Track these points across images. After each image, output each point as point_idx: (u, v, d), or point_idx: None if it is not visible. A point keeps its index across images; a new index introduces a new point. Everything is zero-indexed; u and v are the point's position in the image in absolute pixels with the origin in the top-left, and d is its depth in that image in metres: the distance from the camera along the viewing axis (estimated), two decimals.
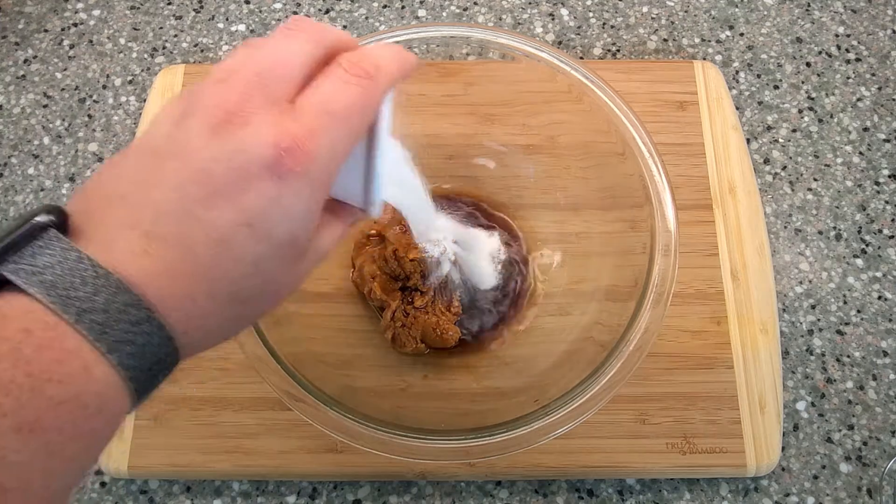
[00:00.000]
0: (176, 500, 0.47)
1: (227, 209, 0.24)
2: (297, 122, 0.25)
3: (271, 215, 0.25)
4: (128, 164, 0.26)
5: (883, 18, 0.62)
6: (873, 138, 0.57)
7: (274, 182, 0.25)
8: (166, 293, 0.24)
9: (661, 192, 0.42)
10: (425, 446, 0.38)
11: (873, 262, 0.53)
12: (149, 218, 0.24)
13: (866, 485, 0.47)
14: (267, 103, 0.25)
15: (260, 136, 0.25)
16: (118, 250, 0.24)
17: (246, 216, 0.25)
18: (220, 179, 0.24)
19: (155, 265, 0.24)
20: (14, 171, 0.56)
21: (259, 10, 0.62)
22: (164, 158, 0.25)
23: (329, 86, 0.27)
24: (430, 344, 0.47)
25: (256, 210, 0.25)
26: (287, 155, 0.25)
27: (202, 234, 0.24)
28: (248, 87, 0.25)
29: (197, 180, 0.24)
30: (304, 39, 0.27)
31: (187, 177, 0.24)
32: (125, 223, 0.24)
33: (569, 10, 0.62)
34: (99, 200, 0.25)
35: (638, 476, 0.47)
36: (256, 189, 0.25)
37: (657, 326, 0.40)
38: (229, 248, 0.25)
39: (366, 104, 0.27)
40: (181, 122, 0.25)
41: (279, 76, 0.26)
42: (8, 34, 0.62)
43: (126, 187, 0.25)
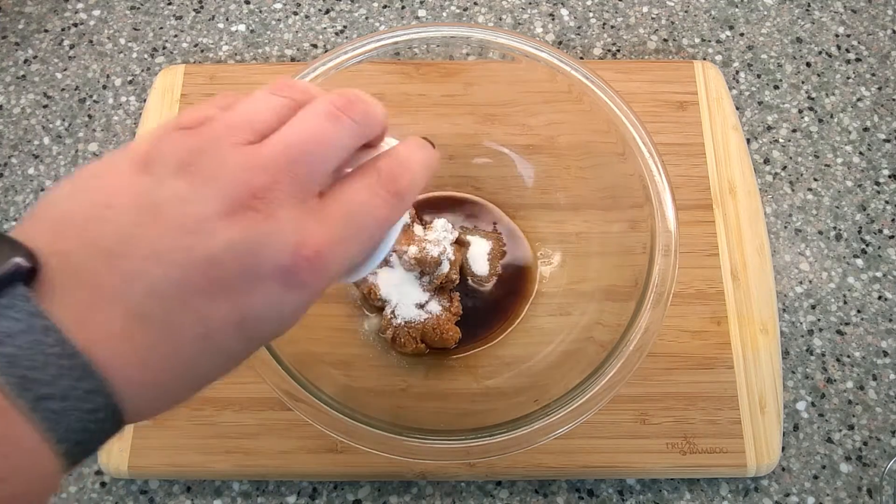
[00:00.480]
0: (176, 500, 0.47)
1: (225, 305, 0.22)
2: (321, 228, 0.23)
3: (266, 318, 0.23)
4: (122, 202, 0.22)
5: (883, 18, 0.62)
6: (873, 138, 0.57)
7: (281, 288, 0.23)
8: (135, 381, 0.21)
9: (661, 192, 0.42)
10: (425, 446, 0.38)
11: (873, 262, 0.53)
12: (139, 294, 0.21)
13: (866, 485, 0.47)
14: (296, 196, 0.23)
15: (283, 237, 0.22)
16: (95, 325, 0.20)
17: (241, 316, 0.22)
18: (228, 274, 0.22)
19: (131, 352, 0.21)
20: (14, 171, 0.56)
21: (259, 10, 0.62)
22: (168, 222, 0.22)
23: (361, 193, 0.24)
24: (430, 344, 0.47)
25: (253, 312, 0.23)
26: (304, 264, 0.23)
27: (191, 325, 0.22)
28: (279, 170, 0.23)
29: (204, 268, 0.22)
30: (348, 130, 0.25)
31: (194, 260, 0.21)
32: (111, 291, 0.21)
33: (569, 10, 0.62)
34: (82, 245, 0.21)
35: (638, 476, 0.47)
36: (261, 292, 0.22)
37: (657, 326, 0.40)
38: (212, 343, 0.22)
39: (389, 222, 0.25)
40: (192, 177, 0.22)
41: (313, 169, 0.24)
42: (8, 34, 0.62)
43: (116, 242, 0.21)
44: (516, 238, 0.51)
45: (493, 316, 0.49)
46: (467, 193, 0.52)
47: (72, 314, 0.20)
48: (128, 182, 0.22)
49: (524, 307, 0.49)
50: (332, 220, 0.24)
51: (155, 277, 0.21)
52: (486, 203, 0.52)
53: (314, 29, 0.61)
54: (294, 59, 0.60)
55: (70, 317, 0.20)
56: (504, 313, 0.49)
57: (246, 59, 0.60)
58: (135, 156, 0.23)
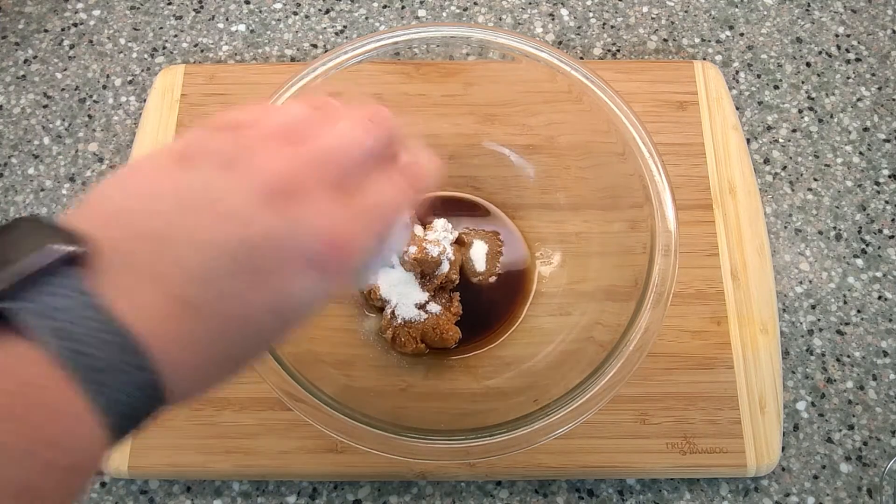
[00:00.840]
0: (176, 500, 0.47)
1: (264, 292, 0.23)
2: (349, 220, 0.25)
3: (298, 305, 0.25)
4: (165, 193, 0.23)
5: (883, 18, 0.62)
6: (873, 138, 0.57)
7: (314, 276, 0.24)
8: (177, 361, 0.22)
9: (661, 192, 0.42)
10: (425, 446, 0.38)
11: (873, 262, 0.53)
12: (181, 279, 0.22)
13: (866, 485, 0.47)
14: (326, 185, 0.25)
15: (317, 224, 0.24)
16: (141, 305, 0.22)
17: (277, 303, 0.24)
18: (267, 260, 0.23)
19: (174, 333, 0.22)
20: (14, 171, 0.56)
21: (259, 10, 0.62)
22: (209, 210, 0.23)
23: (388, 189, 0.27)
24: (430, 344, 0.47)
25: (289, 299, 0.24)
26: (334, 251, 0.24)
27: (231, 308, 0.23)
28: (310, 161, 0.25)
29: (244, 254, 0.23)
30: (377, 137, 0.27)
31: (234, 246, 0.23)
32: (156, 276, 0.22)
33: (569, 10, 0.62)
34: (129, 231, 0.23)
35: (638, 476, 0.47)
36: (297, 280, 0.24)
37: (657, 326, 0.40)
38: (250, 326, 0.24)
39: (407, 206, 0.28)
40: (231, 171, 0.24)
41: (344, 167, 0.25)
42: (8, 34, 0.62)
43: (162, 227, 0.23)
44: (515, 238, 0.51)
45: (493, 316, 0.49)
46: (467, 193, 0.52)
47: (120, 295, 0.21)
48: (171, 176, 0.24)
49: (524, 307, 0.49)
50: (361, 210, 0.25)
51: (196, 263, 0.22)
52: (485, 203, 0.52)
53: (314, 29, 0.61)
54: (294, 59, 0.60)
55: (118, 297, 0.21)
56: (504, 313, 0.49)
57: (246, 59, 0.60)
58: (177, 152, 0.25)
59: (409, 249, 0.46)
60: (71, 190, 0.56)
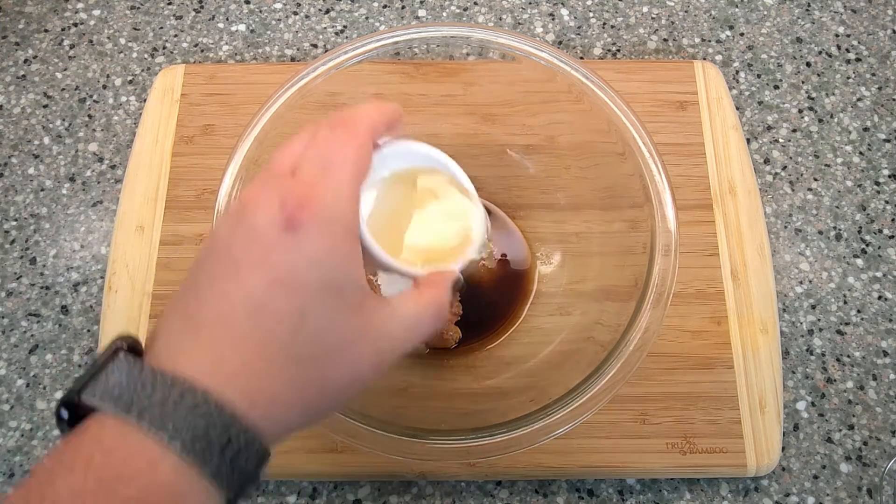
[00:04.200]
0: None
1: (252, 276, 0.26)
2: (298, 183, 0.27)
3: (298, 265, 0.26)
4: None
5: (883, 18, 0.62)
6: (873, 138, 0.57)
7: (289, 235, 0.26)
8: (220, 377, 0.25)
9: (661, 192, 0.42)
10: (425, 446, 0.38)
11: (873, 262, 0.53)
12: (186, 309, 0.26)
13: (866, 485, 0.47)
14: (270, 181, 0.28)
15: (265, 205, 0.26)
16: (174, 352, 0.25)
17: (274, 276, 0.26)
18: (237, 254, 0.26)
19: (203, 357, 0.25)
20: (14, 171, 0.56)
21: (259, 10, 0.62)
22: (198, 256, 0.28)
23: (314, 143, 0.29)
24: (431, 344, 0.47)
25: (282, 266, 0.26)
26: (293, 208, 0.26)
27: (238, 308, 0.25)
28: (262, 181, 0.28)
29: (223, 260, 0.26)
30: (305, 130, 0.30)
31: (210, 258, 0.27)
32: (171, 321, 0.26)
33: (569, 10, 0.62)
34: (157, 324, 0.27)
35: (638, 476, 0.47)
36: (277, 249, 0.26)
37: (657, 326, 0.40)
38: (269, 312, 0.25)
39: (356, 147, 0.29)
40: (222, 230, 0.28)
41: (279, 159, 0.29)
42: (8, 34, 0.62)
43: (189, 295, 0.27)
44: (516, 238, 0.51)
45: (493, 316, 0.49)
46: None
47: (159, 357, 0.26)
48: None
49: (524, 307, 0.49)
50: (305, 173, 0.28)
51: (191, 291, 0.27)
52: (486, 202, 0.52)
53: (314, 29, 0.61)
54: (294, 59, 0.60)
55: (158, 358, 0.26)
56: (504, 313, 0.49)
57: (246, 59, 0.60)
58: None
59: None
60: (71, 190, 0.56)
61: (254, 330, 0.25)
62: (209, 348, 0.25)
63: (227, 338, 0.25)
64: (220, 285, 0.26)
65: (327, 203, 0.27)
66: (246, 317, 0.25)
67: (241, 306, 0.25)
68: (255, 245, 0.26)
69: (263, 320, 0.25)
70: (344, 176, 0.28)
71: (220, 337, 0.25)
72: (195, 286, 0.27)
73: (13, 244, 0.54)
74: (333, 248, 0.27)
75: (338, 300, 0.27)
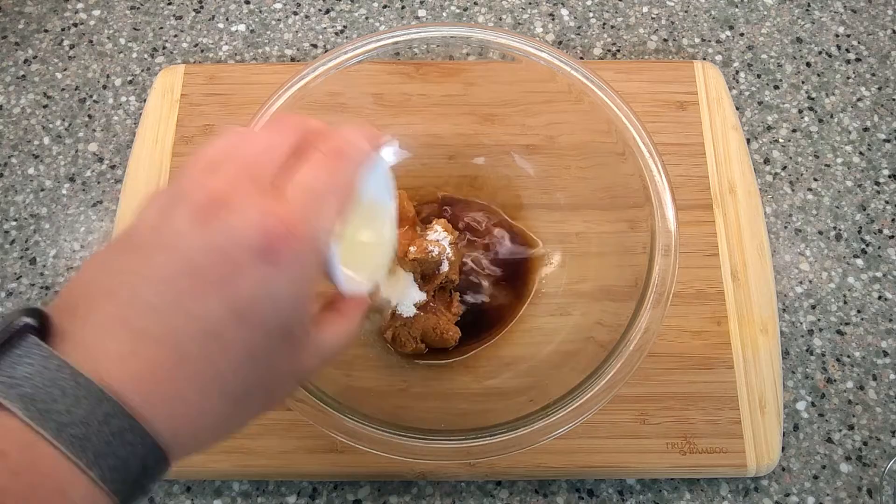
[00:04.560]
0: (176, 500, 0.47)
1: (216, 300, 0.24)
2: (282, 204, 0.25)
3: (262, 303, 0.24)
4: (112, 259, 0.25)
5: (883, 18, 0.62)
6: (873, 138, 0.57)
7: (264, 268, 0.24)
8: (154, 396, 0.23)
9: (661, 192, 0.42)
10: (425, 446, 0.38)
11: (873, 262, 0.53)
12: (136, 314, 0.23)
13: (866, 485, 0.47)
14: (253, 189, 0.25)
15: (247, 220, 0.24)
16: (103, 353, 0.22)
17: (236, 306, 0.24)
18: (208, 269, 0.24)
19: (142, 367, 0.23)
20: (14, 171, 0.56)
21: (259, 10, 0.62)
22: (150, 251, 0.24)
23: (308, 167, 0.27)
24: (430, 344, 0.47)
25: (246, 299, 0.24)
26: (276, 239, 0.24)
27: (192, 328, 0.23)
28: (234, 174, 0.25)
29: (185, 272, 0.24)
30: (285, 130, 0.28)
31: (176, 269, 0.24)
32: (111, 321, 0.23)
33: (569, 10, 0.62)
34: (83, 298, 0.24)
35: (638, 476, 0.47)
36: (246, 277, 0.24)
37: (657, 326, 0.40)
38: (220, 341, 0.24)
39: (345, 179, 0.28)
40: (167, 213, 0.25)
41: (263, 163, 0.26)
42: (8, 34, 0.62)
43: (111, 283, 0.24)
44: (516, 238, 0.51)
45: (493, 316, 0.49)
46: (467, 193, 0.52)
47: (79, 350, 0.22)
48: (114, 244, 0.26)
49: (524, 307, 0.49)
50: (294, 197, 0.26)
51: (146, 296, 0.23)
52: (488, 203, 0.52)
53: (314, 29, 0.61)
54: (294, 59, 0.60)
55: (78, 352, 0.22)
56: (504, 313, 0.49)
57: (246, 59, 0.60)
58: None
59: (410, 250, 0.46)
60: (71, 190, 0.56)
61: (201, 357, 0.23)
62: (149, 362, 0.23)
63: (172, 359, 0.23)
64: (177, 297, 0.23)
65: (309, 242, 0.25)
66: (196, 342, 0.23)
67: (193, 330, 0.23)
68: (226, 263, 0.24)
69: (212, 350, 0.24)
70: (332, 213, 0.26)
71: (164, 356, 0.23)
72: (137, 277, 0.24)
73: (13, 244, 0.54)
74: (299, 293, 0.25)
75: (285, 344, 0.26)
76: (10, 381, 0.21)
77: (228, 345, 0.24)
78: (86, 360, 0.22)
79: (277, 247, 0.24)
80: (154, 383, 0.23)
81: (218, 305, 0.24)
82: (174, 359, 0.23)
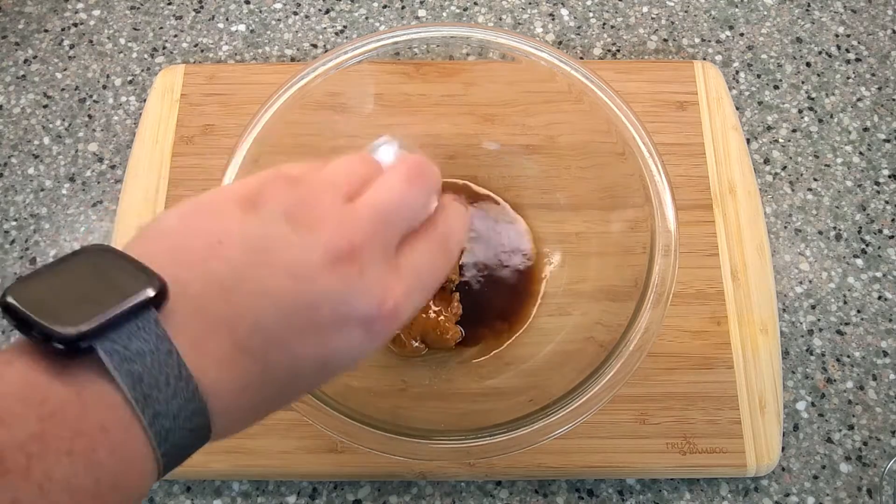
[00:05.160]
0: (176, 500, 0.47)
1: (316, 346, 0.25)
2: (399, 285, 0.26)
3: (344, 360, 0.26)
4: (233, 238, 0.24)
5: (883, 18, 0.62)
6: (873, 138, 0.57)
7: (362, 333, 0.25)
8: (229, 405, 0.24)
9: (661, 192, 0.42)
10: (425, 446, 0.38)
11: (873, 262, 0.53)
12: (245, 328, 0.23)
13: (866, 485, 0.47)
14: (383, 254, 0.26)
15: (372, 292, 0.25)
16: (206, 352, 0.23)
17: (325, 356, 0.25)
18: (323, 319, 0.25)
19: (234, 379, 0.24)
20: (14, 171, 0.56)
21: (259, 10, 0.62)
22: (275, 264, 0.24)
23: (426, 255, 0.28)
24: (430, 344, 0.47)
25: (337, 353, 0.25)
26: (384, 316, 0.26)
27: (286, 361, 0.24)
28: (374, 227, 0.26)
29: (304, 311, 0.24)
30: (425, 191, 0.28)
31: (297, 303, 0.24)
32: (221, 324, 0.23)
33: (569, 10, 0.62)
34: (199, 277, 0.23)
35: (638, 476, 0.47)
36: (346, 337, 0.25)
37: (657, 326, 0.40)
38: (298, 378, 0.25)
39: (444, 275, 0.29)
40: (299, 229, 0.25)
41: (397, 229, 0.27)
42: (8, 34, 0.62)
43: (229, 277, 0.24)
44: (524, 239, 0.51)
45: (493, 316, 0.49)
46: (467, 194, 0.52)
47: (188, 340, 0.22)
48: (237, 221, 0.25)
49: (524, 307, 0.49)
50: (405, 276, 0.27)
51: (262, 314, 0.24)
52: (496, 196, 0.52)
53: (314, 29, 0.61)
54: (294, 59, 0.60)
55: (187, 342, 0.22)
56: (504, 313, 0.49)
57: (246, 59, 0.60)
58: (241, 196, 0.26)
59: None
60: (71, 190, 0.56)
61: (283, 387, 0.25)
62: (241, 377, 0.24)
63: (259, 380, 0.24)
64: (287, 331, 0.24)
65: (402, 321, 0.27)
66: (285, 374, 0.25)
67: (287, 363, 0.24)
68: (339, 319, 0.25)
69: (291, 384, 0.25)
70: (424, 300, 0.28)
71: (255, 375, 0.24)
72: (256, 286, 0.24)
73: (13, 244, 0.54)
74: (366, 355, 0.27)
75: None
76: (125, 354, 0.21)
77: (303, 382, 0.26)
78: (188, 353, 0.22)
79: (380, 323, 0.26)
80: (237, 395, 0.24)
81: (314, 351, 0.25)
82: (261, 381, 0.24)
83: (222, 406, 0.23)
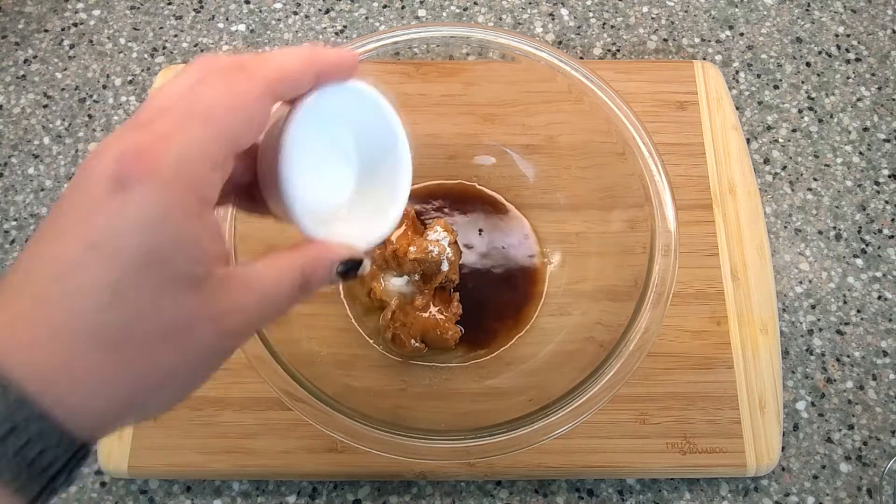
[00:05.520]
0: (176, 500, 0.47)
1: (73, 238, 0.22)
2: (148, 132, 0.23)
3: (118, 230, 0.22)
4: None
5: (883, 18, 0.62)
6: (873, 138, 0.57)
7: (118, 195, 0.22)
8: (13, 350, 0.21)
9: (661, 192, 0.42)
10: (425, 446, 0.38)
11: (873, 262, 0.53)
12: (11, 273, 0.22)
13: (866, 485, 0.47)
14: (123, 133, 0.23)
15: (106, 155, 0.22)
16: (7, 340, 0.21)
17: (89, 238, 0.22)
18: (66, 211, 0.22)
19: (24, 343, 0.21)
20: (14, 171, 0.56)
21: (259, 10, 0.62)
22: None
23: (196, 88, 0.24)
24: (430, 344, 0.47)
25: (102, 229, 0.22)
26: (129, 162, 0.22)
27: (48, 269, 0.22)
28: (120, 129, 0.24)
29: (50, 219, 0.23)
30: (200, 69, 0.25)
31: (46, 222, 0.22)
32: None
33: (569, 10, 0.62)
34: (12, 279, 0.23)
35: (638, 476, 0.47)
36: (102, 209, 0.22)
37: (657, 326, 0.40)
38: (74, 278, 0.21)
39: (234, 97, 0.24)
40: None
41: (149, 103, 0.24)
42: (8, 34, 0.62)
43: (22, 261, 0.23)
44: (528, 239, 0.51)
45: (493, 316, 0.49)
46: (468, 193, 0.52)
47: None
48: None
49: (524, 307, 0.49)
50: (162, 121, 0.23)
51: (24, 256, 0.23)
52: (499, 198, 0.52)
53: (314, 29, 0.61)
54: None
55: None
56: (504, 313, 0.49)
57: None
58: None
59: (410, 250, 0.46)
60: None
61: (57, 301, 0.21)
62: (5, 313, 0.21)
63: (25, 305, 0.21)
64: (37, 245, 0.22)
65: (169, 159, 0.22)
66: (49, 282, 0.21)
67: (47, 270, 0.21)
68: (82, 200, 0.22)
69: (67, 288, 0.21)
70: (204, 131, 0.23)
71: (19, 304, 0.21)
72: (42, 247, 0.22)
73: (13, 244, 0.54)
74: (166, 215, 0.22)
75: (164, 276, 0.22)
76: None
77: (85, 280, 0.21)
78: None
79: (129, 170, 0.22)
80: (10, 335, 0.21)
81: (75, 243, 0.22)
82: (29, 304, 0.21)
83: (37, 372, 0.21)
